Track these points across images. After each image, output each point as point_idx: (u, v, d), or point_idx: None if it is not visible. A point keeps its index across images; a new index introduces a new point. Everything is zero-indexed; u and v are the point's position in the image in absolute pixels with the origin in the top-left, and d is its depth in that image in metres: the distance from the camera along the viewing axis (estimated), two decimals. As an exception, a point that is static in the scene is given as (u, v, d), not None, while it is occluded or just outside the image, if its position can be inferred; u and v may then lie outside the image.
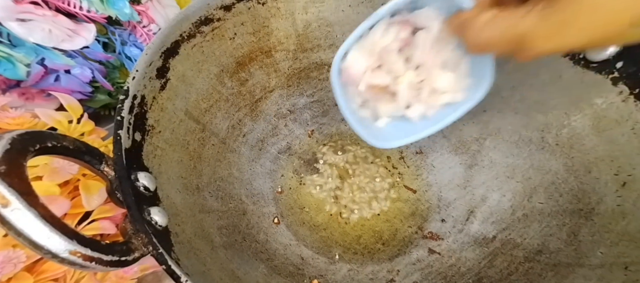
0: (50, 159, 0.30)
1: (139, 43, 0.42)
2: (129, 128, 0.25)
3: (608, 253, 0.26)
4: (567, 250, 0.29)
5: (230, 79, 0.37)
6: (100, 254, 0.18)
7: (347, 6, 0.40)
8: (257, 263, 0.32)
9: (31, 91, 0.36)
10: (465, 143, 0.39)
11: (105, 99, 0.41)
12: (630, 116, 0.28)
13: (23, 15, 0.33)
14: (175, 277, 0.21)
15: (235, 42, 0.37)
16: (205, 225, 0.30)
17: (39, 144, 0.19)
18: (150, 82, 0.29)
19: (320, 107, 0.43)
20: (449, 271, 0.33)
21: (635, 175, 0.27)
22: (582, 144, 0.31)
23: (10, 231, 0.16)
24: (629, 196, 0.27)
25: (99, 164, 0.22)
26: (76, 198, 0.30)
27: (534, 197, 0.33)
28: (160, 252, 0.21)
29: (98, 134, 0.35)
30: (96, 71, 0.39)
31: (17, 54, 0.33)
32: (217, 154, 0.36)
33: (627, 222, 0.27)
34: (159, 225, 0.24)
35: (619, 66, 0.28)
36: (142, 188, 0.24)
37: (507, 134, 0.36)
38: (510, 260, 0.31)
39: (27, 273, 0.27)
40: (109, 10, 0.37)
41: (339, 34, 0.41)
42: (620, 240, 0.26)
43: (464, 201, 0.37)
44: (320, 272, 0.34)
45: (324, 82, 0.43)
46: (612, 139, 0.29)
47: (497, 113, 0.36)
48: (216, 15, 0.34)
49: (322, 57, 0.42)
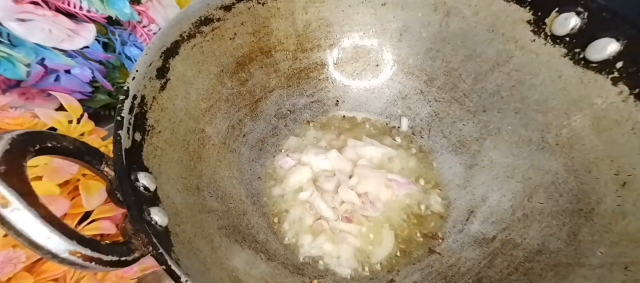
0: (50, 159, 0.30)
1: (139, 43, 0.42)
2: (129, 128, 0.25)
3: (608, 253, 0.26)
4: (567, 250, 0.29)
5: (230, 79, 0.37)
6: (100, 254, 0.18)
7: (347, 6, 0.40)
8: (257, 263, 0.32)
9: (31, 91, 0.36)
10: (465, 143, 0.39)
11: (105, 99, 0.41)
12: (630, 116, 0.28)
13: (23, 15, 0.33)
14: (175, 277, 0.21)
15: (235, 42, 0.37)
16: (205, 225, 0.30)
17: (39, 144, 0.19)
18: (150, 82, 0.29)
19: (320, 107, 0.43)
20: (449, 271, 0.33)
21: (635, 175, 0.27)
22: (582, 144, 0.31)
23: (10, 232, 0.16)
24: (629, 196, 0.27)
25: (99, 165, 0.22)
26: (76, 198, 0.30)
27: (534, 197, 0.33)
28: (160, 252, 0.21)
29: (98, 134, 0.35)
30: (96, 71, 0.39)
31: (17, 54, 0.33)
32: (217, 154, 0.36)
33: (627, 222, 0.27)
34: (159, 225, 0.24)
35: (619, 65, 0.28)
36: (142, 188, 0.24)
37: (507, 134, 0.36)
38: (510, 260, 0.31)
39: (27, 273, 0.27)
40: (109, 10, 0.37)
41: (339, 34, 0.41)
42: (620, 240, 0.26)
43: (464, 201, 0.37)
44: (320, 272, 0.34)
45: (324, 82, 0.43)
46: (612, 139, 0.29)
47: (497, 113, 0.36)
48: (216, 16, 0.34)
49: (322, 57, 0.42)
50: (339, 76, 0.43)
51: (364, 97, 0.43)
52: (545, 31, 0.32)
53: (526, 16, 0.32)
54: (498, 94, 0.36)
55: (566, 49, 0.30)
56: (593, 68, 0.29)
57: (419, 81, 0.42)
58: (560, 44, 0.31)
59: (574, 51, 0.30)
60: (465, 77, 0.38)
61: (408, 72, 0.42)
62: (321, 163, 0.39)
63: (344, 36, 0.42)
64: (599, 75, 0.29)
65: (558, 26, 0.30)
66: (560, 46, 0.31)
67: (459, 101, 0.39)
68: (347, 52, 0.42)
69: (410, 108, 0.42)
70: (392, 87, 0.43)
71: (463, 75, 0.38)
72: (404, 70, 0.42)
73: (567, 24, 0.30)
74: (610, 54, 0.28)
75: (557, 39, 0.31)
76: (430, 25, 0.39)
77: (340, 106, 0.43)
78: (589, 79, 0.30)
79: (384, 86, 0.43)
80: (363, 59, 0.43)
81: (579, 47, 0.30)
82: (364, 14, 0.40)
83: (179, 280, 0.21)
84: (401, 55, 0.42)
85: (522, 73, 0.34)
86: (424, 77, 0.41)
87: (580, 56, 0.30)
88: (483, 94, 0.37)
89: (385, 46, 0.42)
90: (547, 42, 0.32)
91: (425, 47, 0.40)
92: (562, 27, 0.30)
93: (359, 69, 0.43)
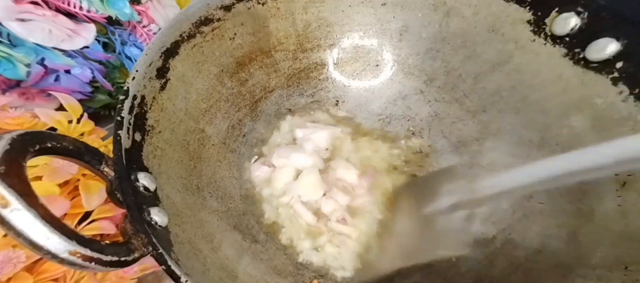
0: (50, 159, 0.30)
1: (139, 43, 0.42)
2: (128, 128, 0.25)
3: (608, 253, 0.26)
4: (567, 250, 0.29)
5: (230, 79, 0.37)
6: (99, 254, 0.18)
7: (347, 6, 0.40)
8: (257, 263, 0.32)
9: (31, 91, 0.36)
10: (465, 143, 0.39)
11: (105, 99, 0.41)
12: (630, 115, 0.28)
13: (23, 15, 0.33)
14: (175, 277, 0.21)
15: (235, 43, 0.37)
16: (205, 225, 0.30)
17: (39, 144, 0.19)
18: (150, 83, 0.29)
19: (320, 107, 0.43)
20: (449, 271, 0.33)
21: (635, 175, 0.27)
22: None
23: (10, 232, 0.16)
24: (629, 196, 0.27)
25: (99, 165, 0.22)
26: (76, 198, 0.30)
27: (534, 197, 0.33)
28: (160, 252, 0.21)
29: (98, 134, 0.35)
30: (96, 71, 0.39)
31: (17, 54, 0.33)
32: (217, 155, 0.36)
33: (627, 222, 0.27)
34: (158, 225, 0.24)
35: (618, 65, 0.28)
36: (142, 188, 0.24)
37: (507, 134, 0.36)
38: (510, 260, 0.31)
39: (27, 273, 0.27)
40: (109, 10, 0.37)
41: (339, 34, 0.41)
42: (620, 240, 0.26)
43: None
44: (320, 272, 0.34)
45: (324, 82, 0.43)
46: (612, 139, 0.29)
47: (497, 113, 0.36)
48: (216, 16, 0.34)
49: (322, 57, 0.42)
50: (339, 76, 0.43)
51: (364, 97, 0.43)
52: (545, 31, 0.32)
53: (526, 16, 0.32)
54: (498, 94, 0.36)
55: (566, 49, 0.30)
56: (593, 68, 0.29)
57: (419, 81, 0.42)
58: (560, 44, 0.31)
59: (574, 51, 0.30)
60: (465, 77, 0.38)
61: (408, 72, 0.42)
62: (298, 161, 0.38)
63: (343, 36, 0.42)
64: (599, 75, 0.29)
65: (558, 26, 0.30)
66: (560, 46, 0.31)
67: (459, 101, 0.39)
68: (347, 52, 0.42)
69: (410, 107, 0.42)
70: (392, 88, 0.43)
71: (463, 75, 0.38)
72: (404, 70, 0.42)
73: (567, 24, 0.30)
74: (610, 54, 0.28)
75: (557, 39, 0.31)
76: (430, 25, 0.39)
77: (340, 106, 0.43)
78: (589, 79, 0.30)
79: (384, 86, 0.43)
80: (363, 59, 0.43)
81: (579, 47, 0.30)
82: (364, 14, 0.40)
83: (179, 280, 0.21)
84: (401, 55, 0.42)
85: (522, 73, 0.34)
86: (424, 77, 0.41)
87: (580, 56, 0.30)
88: (483, 94, 0.37)
89: (385, 46, 0.42)
90: (547, 42, 0.32)
91: (425, 47, 0.40)
92: (562, 27, 0.30)
93: (359, 69, 0.43)
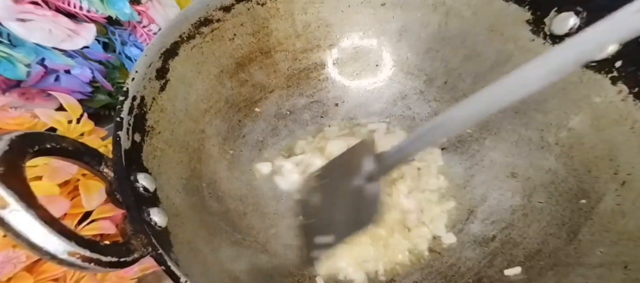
0: (50, 159, 0.30)
1: (139, 43, 0.42)
2: (128, 128, 0.25)
3: (607, 252, 0.26)
4: (567, 250, 0.29)
5: (230, 80, 0.37)
6: (99, 255, 0.18)
7: (346, 6, 0.40)
8: (257, 263, 0.32)
9: (31, 91, 0.36)
10: (465, 143, 0.39)
11: (105, 99, 0.41)
12: (629, 115, 0.28)
13: (23, 15, 0.33)
14: (175, 278, 0.21)
15: (234, 43, 0.37)
16: (205, 225, 0.30)
17: (38, 145, 0.19)
18: (150, 83, 0.29)
19: (320, 107, 0.43)
20: (449, 271, 0.33)
21: (634, 174, 0.27)
22: (582, 143, 0.31)
23: (9, 233, 0.16)
24: (629, 195, 0.27)
25: (98, 165, 0.22)
26: (76, 198, 0.30)
27: (533, 197, 0.33)
28: (159, 252, 0.21)
29: (98, 135, 0.35)
30: (96, 71, 0.39)
31: (17, 54, 0.33)
32: (217, 155, 0.36)
33: (627, 221, 0.27)
34: (158, 226, 0.24)
35: (618, 65, 0.28)
36: (141, 189, 0.24)
37: (507, 134, 0.36)
38: (510, 260, 0.31)
39: (26, 274, 0.27)
40: (109, 10, 0.37)
41: (339, 35, 0.41)
42: (619, 239, 0.26)
43: (463, 201, 0.37)
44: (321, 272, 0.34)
45: (324, 82, 0.43)
46: (612, 139, 0.29)
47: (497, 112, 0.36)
48: (215, 16, 0.34)
49: (321, 57, 0.42)
50: (339, 76, 0.43)
51: (364, 97, 0.43)
52: (544, 31, 0.32)
53: (525, 16, 0.32)
54: (498, 94, 0.36)
55: (566, 49, 0.30)
56: (592, 67, 0.29)
57: (419, 81, 0.42)
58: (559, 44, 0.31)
59: (574, 51, 0.30)
60: (465, 77, 0.38)
61: (408, 72, 0.42)
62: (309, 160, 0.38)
63: (343, 36, 0.42)
64: (598, 74, 0.29)
65: (557, 26, 0.30)
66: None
67: (458, 101, 0.39)
68: (347, 53, 0.42)
69: (410, 108, 0.42)
70: (392, 88, 0.43)
71: (463, 75, 0.38)
72: (403, 70, 0.42)
73: (566, 24, 0.30)
74: (609, 54, 0.28)
75: (556, 38, 0.31)
76: (430, 25, 0.39)
77: (340, 106, 0.43)
78: (588, 79, 0.30)
79: (383, 86, 0.43)
80: (363, 59, 0.43)
81: (578, 47, 0.30)
82: (364, 15, 0.40)
83: (179, 280, 0.21)
84: (401, 55, 0.42)
85: (522, 73, 0.34)
86: (424, 77, 0.41)
87: (579, 56, 0.30)
88: (483, 94, 0.37)
89: (385, 46, 0.42)
90: (546, 42, 0.32)
91: (425, 47, 0.40)
92: (561, 27, 0.30)
93: (358, 69, 0.43)
